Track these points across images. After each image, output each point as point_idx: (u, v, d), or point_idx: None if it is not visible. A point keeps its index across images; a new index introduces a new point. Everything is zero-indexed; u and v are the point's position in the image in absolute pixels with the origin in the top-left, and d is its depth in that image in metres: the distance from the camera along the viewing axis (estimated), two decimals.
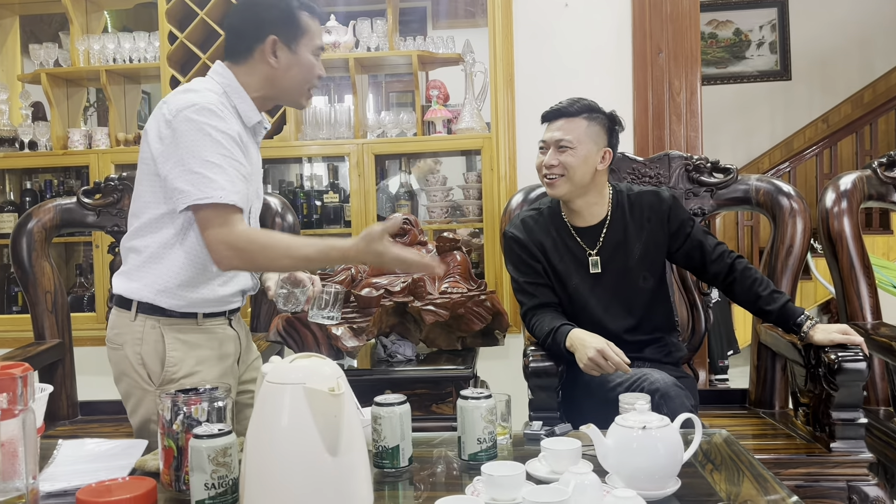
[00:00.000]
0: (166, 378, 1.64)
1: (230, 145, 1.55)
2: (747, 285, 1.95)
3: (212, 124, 1.53)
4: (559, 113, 1.97)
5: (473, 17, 4.19)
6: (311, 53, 1.66)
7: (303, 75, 1.66)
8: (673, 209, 2.00)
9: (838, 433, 1.84)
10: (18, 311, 3.23)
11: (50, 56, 3.22)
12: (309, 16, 1.65)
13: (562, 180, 1.94)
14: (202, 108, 1.53)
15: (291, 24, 1.63)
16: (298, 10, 1.63)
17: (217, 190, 1.50)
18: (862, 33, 6.22)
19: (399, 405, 1.38)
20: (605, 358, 1.76)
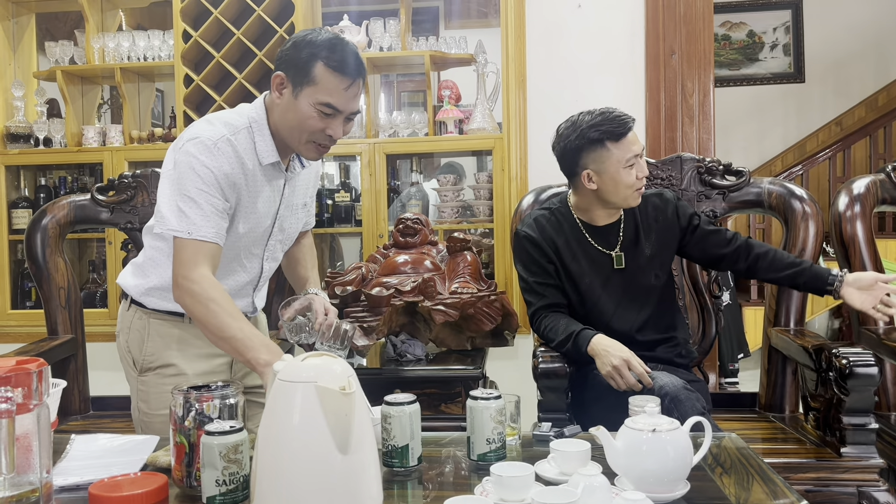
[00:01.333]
0: (144, 366, 1.76)
1: (210, 182, 1.58)
2: (770, 258, 1.97)
3: (200, 159, 1.58)
4: (629, 125, 1.92)
5: (486, 17, 4.20)
6: (313, 105, 1.58)
7: (297, 122, 1.61)
8: (679, 206, 2.04)
9: (849, 438, 1.83)
10: (32, 306, 3.26)
11: (65, 54, 3.25)
12: (328, 71, 1.56)
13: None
14: (199, 142, 1.59)
15: (302, 68, 1.58)
16: (320, 59, 1.56)
17: (189, 225, 1.57)
18: (877, 36, 6.18)
19: (409, 404, 1.39)
20: (630, 368, 1.76)
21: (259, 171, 1.67)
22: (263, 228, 1.74)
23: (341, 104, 1.59)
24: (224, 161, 1.60)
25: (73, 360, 2.38)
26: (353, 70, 1.58)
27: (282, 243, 1.84)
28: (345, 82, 1.57)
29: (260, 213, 1.71)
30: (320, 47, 1.57)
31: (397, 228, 2.46)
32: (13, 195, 3.27)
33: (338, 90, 1.58)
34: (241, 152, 1.63)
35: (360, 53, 1.63)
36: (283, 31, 3.00)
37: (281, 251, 1.86)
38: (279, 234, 1.80)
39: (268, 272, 1.85)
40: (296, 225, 1.86)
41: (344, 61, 1.57)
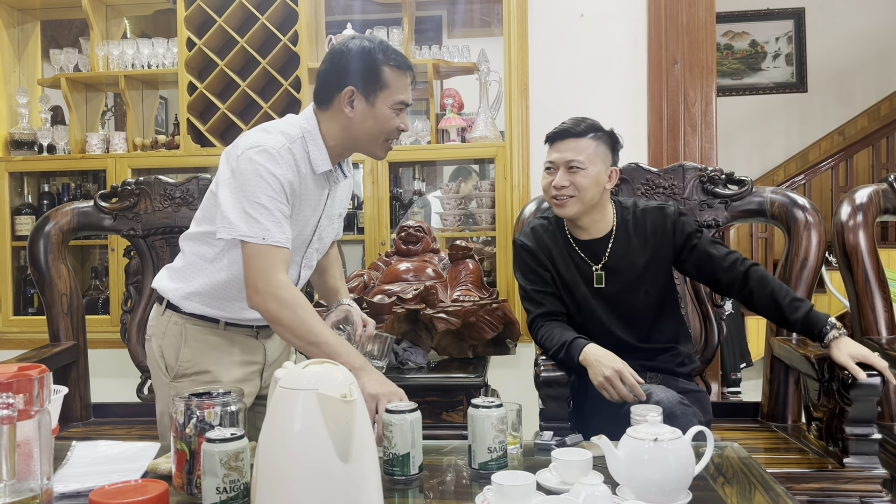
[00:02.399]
0: (178, 372, 1.75)
1: (278, 189, 1.61)
2: (766, 295, 1.89)
3: (266, 167, 1.60)
4: (566, 133, 1.93)
5: (489, 26, 4.21)
6: (390, 107, 1.67)
7: (378, 127, 1.68)
8: (677, 223, 1.97)
9: (851, 448, 1.82)
10: (34, 312, 3.26)
11: (70, 61, 3.26)
12: (393, 71, 1.65)
13: (572, 201, 1.92)
14: (263, 150, 1.61)
15: (372, 76, 1.64)
16: (383, 63, 1.64)
17: (263, 231, 1.59)
18: (879, 46, 6.19)
19: (410, 413, 1.38)
20: (623, 380, 1.75)
21: (311, 180, 1.70)
22: (305, 236, 1.77)
23: (409, 98, 1.70)
24: (288, 169, 1.63)
25: (75, 367, 2.38)
26: (408, 63, 1.70)
27: (318, 251, 1.86)
28: (409, 77, 1.69)
29: (308, 222, 1.74)
30: (377, 53, 1.65)
31: (399, 236, 2.47)
32: (17, 202, 3.28)
33: (406, 86, 1.69)
34: (299, 161, 1.66)
35: None
36: (287, 40, 3.01)
37: (316, 259, 1.88)
38: (317, 242, 1.82)
39: (304, 280, 1.85)
40: (331, 234, 1.88)
41: (402, 59, 1.68)
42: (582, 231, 1.99)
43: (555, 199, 1.94)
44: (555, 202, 1.95)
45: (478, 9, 4.34)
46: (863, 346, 1.80)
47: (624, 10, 2.99)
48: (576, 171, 1.90)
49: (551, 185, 1.93)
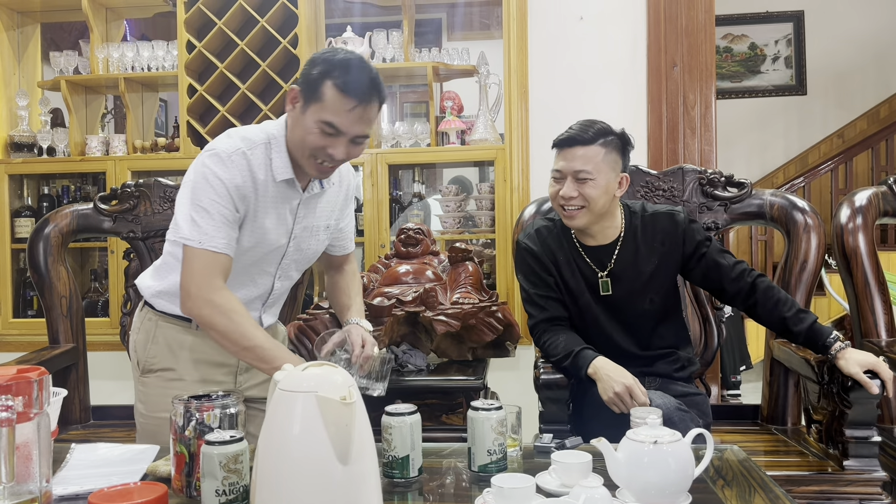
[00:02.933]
0: (146, 367, 1.79)
1: (223, 193, 1.60)
2: (770, 306, 1.87)
3: (213, 171, 1.60)
4: (573, 140, 1.85)
5: (488, 29, 4.21)
6: (316, 123, 1.57)
7: (301, 138, 1.61)
8: (687, 231, 1.93)
9: (851, 451, 1.82)
10: (34, 315, 3.26)
11: (70, 63, 3.26)
12: (334, 90, 1.55)
13: (582, 212, 1.86)
14: (214, 153, 1.62)
15: (313, 85, 1.57)
16: (328, 78, 1.56)
17: (201, 235, 1.59)
18: (878, 49, 6.20)
19: (409, 415, 1.38)
20: (631, 395, 1.74)
21: (272, 188, 1.67)
22: (275, 246, 1.73)
23: (344, 125, 1.57)
24: (236, 173, 1.61)
25: (75, 369, 2.38)
26: (361, 93, 1.56)
27: (297, 263, 1.82)
28: (349, 104, 1.55)
29: (269, 230, 1.70)
30: (334, 66, 1.56)
31: (399, 238, 2.47)
32: (16, 204, 3.28)
33: (342, 111, 1.56)
34: (255, 166, 1.64)
35: (378, 79, 1.60)
36: (287, 43, 3.01)
37: (296, 271, 1.84)
38: (295, 254, 1.79)
39: (279, 290, 1.84)
40: (316, 247, 1.83)
41: (353, 83, 1.55)
42: (589, 237, 1.95)
43: (563, 208, 1.89)
44: (563, 212, 1.90)
45: (477, 11, 4.34)
46: (869, 353, 1.79)
47: (623, 12, 3.00)
48: (584, 182, 1.84)
49: (559, 194, 1.87)
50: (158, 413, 1.70)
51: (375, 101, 1.60)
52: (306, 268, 1.91)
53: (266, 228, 1.69)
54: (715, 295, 2.06)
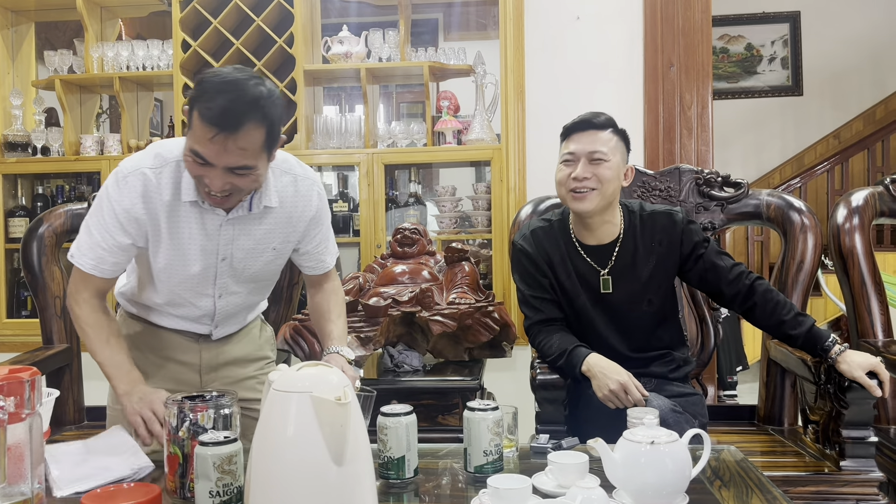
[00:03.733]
0: None
1: (109, 215, 1.59)
2: (769, 310, 1.86)
3: (107, 191, 1.60)
4: (587, 124, 1.86)
5: (485, 29, 4.21)
6: (187, 150, 1.48)
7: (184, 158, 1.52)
8: (686, 232, 1.91)
9: (848, 451, 1.82)
10: (27, 315, 3.25)
11: (64, 62, 3.25)
12: (197, 118, 1.44)
13: (593, 194, 1.83)
14: (116, 173, 1.61)
15: (189, 112, 1.47)
16: (195, 104, 1.45)
17: (76, 250, 1.63)
18: (874, 50, 6.21)
19: (405, 416, 1.38)
20: (626, 392, 1.73)
21: (185, 207, 1.60)
22: (203, 266, 1.67)
23: (209, 156, 1.45)
24: (126, 196, 1.58)
25: (68, 370, 2.37)
26: (222, 121, 1.41)
27: (240, 282, 1.75)
28: (209, 133, 1.42)
29: (185, 251, 1.64)
30: (204, 92, 1.44)
31: (395, 238, 2.46)
32: (10, 203, 3.27)
33: (203, 140, 1.44)
34: (156, 187, 1.58)
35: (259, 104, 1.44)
36: (283, 42, 3.01)
37: (243, 289, 1.77)
38: (231, 274, 1.71)
39: (227, 307, 1.78)
40: (264, 268, 1.75)
41: (215, 111, 1.41)
42: (589, 235, 1.93)
43: (574, 191, 1.85)
44: (574, 195, 1.85)
45: (474, 11, 4.34)
46: (868, 354, 1.78)
47: (620, 12, 2.99)
48: (599, 163, 1.82)
49: (570, 176, 1.84)
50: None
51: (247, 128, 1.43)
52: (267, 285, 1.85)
53: (181, 249, 1.64)
54: (712, 297, 2.04)
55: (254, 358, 1.92)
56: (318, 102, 3.32)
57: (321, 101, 3.40)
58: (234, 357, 1.87)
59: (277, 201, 1.66)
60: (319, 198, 1.75)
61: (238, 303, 1.80)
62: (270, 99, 1.46)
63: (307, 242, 1.78)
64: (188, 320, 1.79)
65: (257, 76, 1.50)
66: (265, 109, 1.45)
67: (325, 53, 3.08)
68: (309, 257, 1.81)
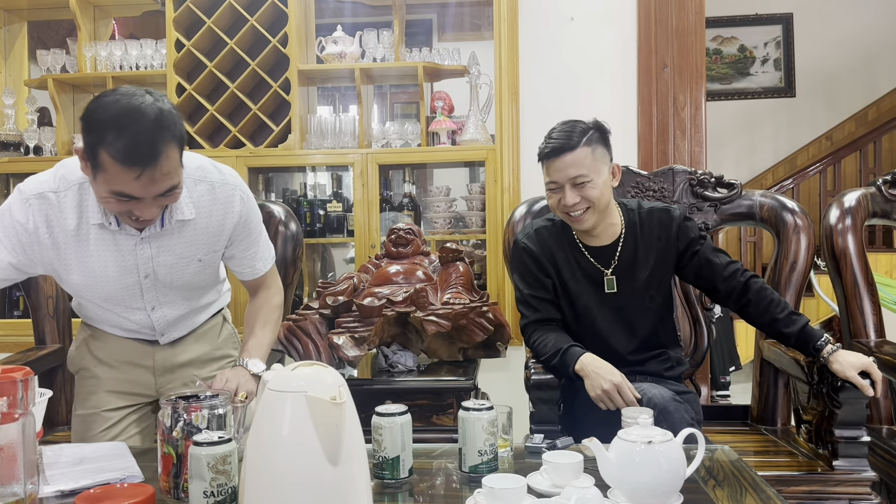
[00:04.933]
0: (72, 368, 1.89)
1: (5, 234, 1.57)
2: (763, 307, 1.87)
3: (10, 207, 1.58)
4: (560, 150, 1.81)
5: (479, 29, 4.21)
6: (106, 192, 1.41)
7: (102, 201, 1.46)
8: (682, 227, 1.93)
9: (841, 451, 1.82)
10: (20, 315, 3.23)
11: (57, 62, 3.23)
12: (111, 161, 1.36)
13: (588, 214, 1.85)
14: (20, 191, 1.57)
15: (90, 153, 1.39)
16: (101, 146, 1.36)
17: None
18: (867, 52, 6.24)
19: (400, 415, 1.37)
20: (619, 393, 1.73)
21: (93, 230, 1.56)
22: (120, 286, 1.63)
23: (137, 192, 1.39)
24: (30, 217, 1.55)
25: (61, 370, 2.36)
26: (141, 157, 1.35)
27: (174, 291, 1.71)
28: (133, 173, 1.36)
29: (99, 270, 1.60)
30: (105, 130, 1.35)
31: (389, 238, 2.46)
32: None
33: (127, 181, 1.37)
34: (59, 212, 1.55)
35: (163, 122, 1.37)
36: (277, 41, 3.00)
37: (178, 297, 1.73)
38: (158, 287, 1.67)
39: (164, 317, 1.75)
40: (194, 276, 1.71)
41: (130, 149, 1.34)
42: (591, 237, 1.94)
43: (569, 215, 1.86)
44: (571, 218, 1.87)
45: (468, 12, 4.35)
46: (860, 354, 1.79)
47: (614, 13, 3.00)
48: (583, 185, 1.82)
49: (560, 203, 1.84)
50: (78, 410, 1.80)
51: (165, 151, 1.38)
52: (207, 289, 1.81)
53: (93, 271, 1.60)
54: (707, 294, 2.06)
55: (213, 358, 1.90)
56: (311, 102, 3.32)
57: (315, 101, 3.40)
58: (190, 358, 1.85)
59: (193, 212, 1.60)
60: (243, 202, 1.68)
61: (178, 311, 1.77)
62: (169, 112, 1.40)
63: (234, 248, 1.72)
64: (127, 331, 1.78)
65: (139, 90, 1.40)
66: (171, 126, 1.39)
67: (320, 53, 3.08)
68: (237, 262, 1.76)
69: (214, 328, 1.92)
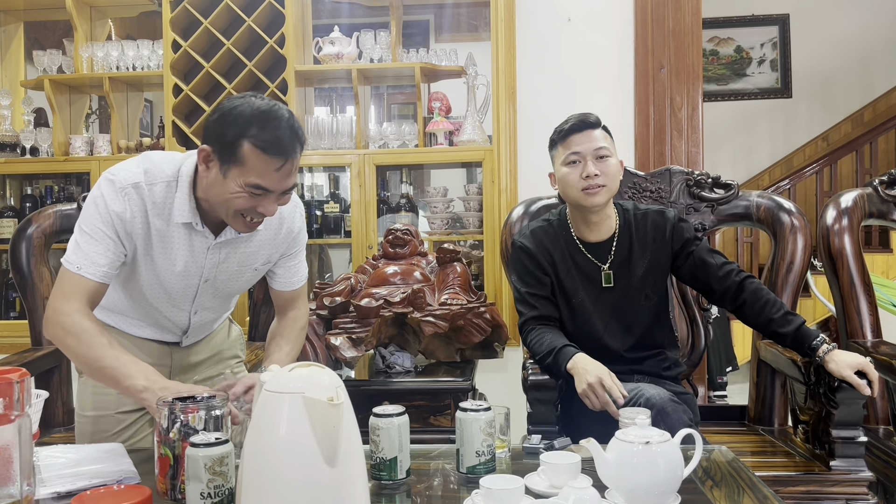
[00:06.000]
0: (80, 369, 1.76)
1: (107, 221, 1.54)
2: (759, 308, 1.88)
3: (105, 199, 1.54)
4: (585, 124, 1.91)
5: (476, 30, 4.22)
6: (240, 186, 1.47)
7: (224, 201, 1.50)
8: (676, 228, 1.96)
9: (838, 451, 1.82)
10: (16, 316, 3.23)
11: (53, 62, 3.23)
12: (255, 151, 1.44)
13: (604, 190, 1.89)
14: (109, 180, 1.55)
15: (229, 146, 1.45)
16: (244, 138, 1.44)
17: (80, 260, 1.53)
18: (863, 52, 6.25)
19: (397, 416, 1.37)
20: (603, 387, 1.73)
21: (173, 227, 1.59)
22: (181, 286, 1.66)
23: (273, 185, 1.47)
24: (126, 207, 1.54)
25: (57, 372, 2.35)
26: (285, 149, 1.45)
27: (219, 297, 1.76)
28: (276, 163, 1.45)
29: (168, 271, 1.63)
30: (248, 124, 1.44)
31: (387, 239, 2.46)
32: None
33: (268, 172, 1.45)
34: (151, 204, 1.56)
35: (294, 123, 1.48)
36: (274, 42, 3.00)
37: (217, 304, 1.78)
38: (210, 292, 1.71)
39: (200, 321, 1.78)
40: (244, 284, 1.76)
41: (275, 140, 1.44)
42: (589, 232, 1.97)
43: (587, 189, 1.89)
44: (587, 193, 1.89)
45: (465, 13, 4.34)
46: (856, 354, 1.79)
47: (611, 14, 3.00)
48: (604, 159, 1.89)
49: (581, 175, 1.89)
50: (86, 412, 1.76)
51: (299, 148, 1.49)
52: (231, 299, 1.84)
53: (164, 269, 1.62)
54: (703, 294, 2.07)
55: (224, 357, 1.93)
56: (309, 103, 3.32)
57: (312, 101, 3.40)
58: (203, 358, 1.88)
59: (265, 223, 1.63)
60: (301, 218, 1.76)
61: (211, 315, 1.81)
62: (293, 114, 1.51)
63: (283, 260, 1.77)
64: (159, 330, 1.78)
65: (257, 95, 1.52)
66: (300, 128, 1.50)
67: (317, 54, 3.08)
68: (280, 275, 1.79)
69: (223, 329, 1.95)
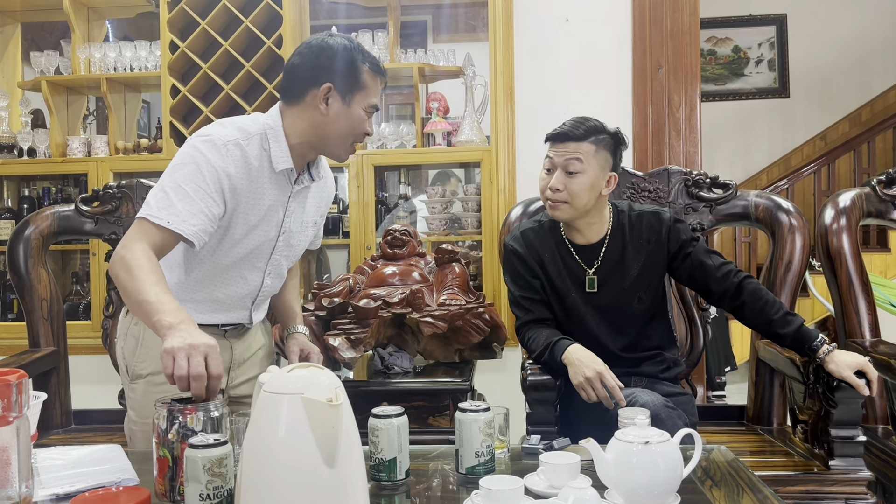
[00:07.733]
0: (134, 373, 1.73)
1: (211, 181, 1.55)
2: (758, 308, 1.87)
3: (207, 157, 1.55)
4: (565, 136, 1.88)
5: (474, 31, 4.21)
6: (364, 109, 1.65)
7: (350, 129, 1.65)
8: (672, 230, 1.94)
9: (837, 451, 1.83)
10: (14, 318, 3.22)
11: (51, 63, 3.22)
12: (371, 73, 1.64)
13: (564, 207, 1.89)
14: (209, 140, 1.58)
15: (351, 76, 1.62)
16: (362, 63, 1.63)
17: (172, 216, 1.50)
18: (860, 52, 6.26)
19: (396, 417, 1.37)
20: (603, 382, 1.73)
21: (266, 179, 1.64)
22: (266, 239, 1.70)
23: (378, 103, 1.69)
24: (231, 162, 1.57)
25: (55, 373, 2.35)
26: (384, 69, 1.69)
27: (287, 259, 1.80)
28: (383, 82, 1.69)
29: (261, 222, 1.67)
30: (355, 52, 1.63)
31: (385, 240, 2.45)
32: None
33: (378, 91, 1.67)
34: (251, 158, 1.61)
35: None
36: (272, 43, 2.99)
37: (286, 267, 1.83)
38: (285, 249, 1.76)
39: (269, 287, 1.80)
40: (304, 242, 1.82)
41: (378, 62, 1.66)
42: (577, 235, 1.96)
43: (549, 200, 1.91)
44: (549, 203, 1.91)
45: (463, 13, 4.34)
46: (855, 354, 1.79)
47: (609, 14, 3.00)
48: (573, 176, 1.86)
49: (547, 185, 1.90)
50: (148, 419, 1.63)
51: None
52: (293, 263, 1.89)
53: (256, 221, 1.66)
54: (702, 295, 2.07)
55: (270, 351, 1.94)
56: None
57: None
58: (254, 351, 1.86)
59: (322, 173, 1.79)
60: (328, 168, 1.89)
61: (277, 284, 1.84)
62: None
63: (320, 220, 1.88)
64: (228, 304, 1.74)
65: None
66: None
67: None
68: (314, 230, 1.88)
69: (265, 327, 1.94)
